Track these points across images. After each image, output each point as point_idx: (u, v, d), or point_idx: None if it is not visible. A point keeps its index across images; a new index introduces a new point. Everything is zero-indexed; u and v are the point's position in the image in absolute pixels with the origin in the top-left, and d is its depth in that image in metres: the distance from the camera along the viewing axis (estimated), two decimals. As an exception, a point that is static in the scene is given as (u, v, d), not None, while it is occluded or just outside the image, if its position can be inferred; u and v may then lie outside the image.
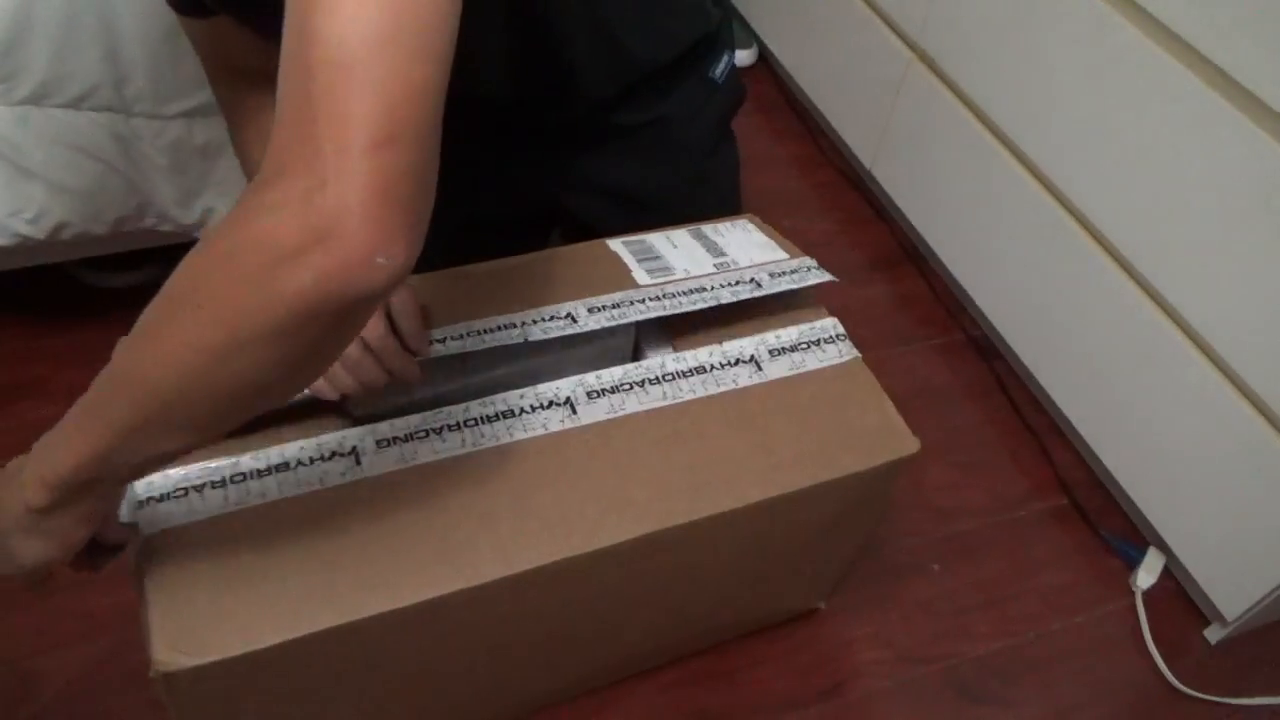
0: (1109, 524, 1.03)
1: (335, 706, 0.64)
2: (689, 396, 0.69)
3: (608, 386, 0.69)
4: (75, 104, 0.86)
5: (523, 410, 0.66)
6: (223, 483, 0.60)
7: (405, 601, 0.57)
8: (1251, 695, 0.90)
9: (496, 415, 0.66)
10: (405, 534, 0.60)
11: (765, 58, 1.56)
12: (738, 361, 0.72)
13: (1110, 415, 1.00)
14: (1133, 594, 0.97)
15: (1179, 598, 0.98)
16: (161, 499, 0.59)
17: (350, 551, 0.59)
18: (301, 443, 0.62)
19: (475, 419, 0.65)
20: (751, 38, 1.55)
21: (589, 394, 0.68)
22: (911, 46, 1.17)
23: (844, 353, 0.74)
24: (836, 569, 0.85)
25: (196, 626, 0.54)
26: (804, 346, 0.74)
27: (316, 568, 0.57)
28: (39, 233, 0.89)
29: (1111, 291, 0.95)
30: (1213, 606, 0.92)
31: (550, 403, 0.67)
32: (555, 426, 0.66)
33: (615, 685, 0.85)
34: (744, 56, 1.54)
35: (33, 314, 1.05)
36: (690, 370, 0.71)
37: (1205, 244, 0.85)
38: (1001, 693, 0.89)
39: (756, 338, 0.73)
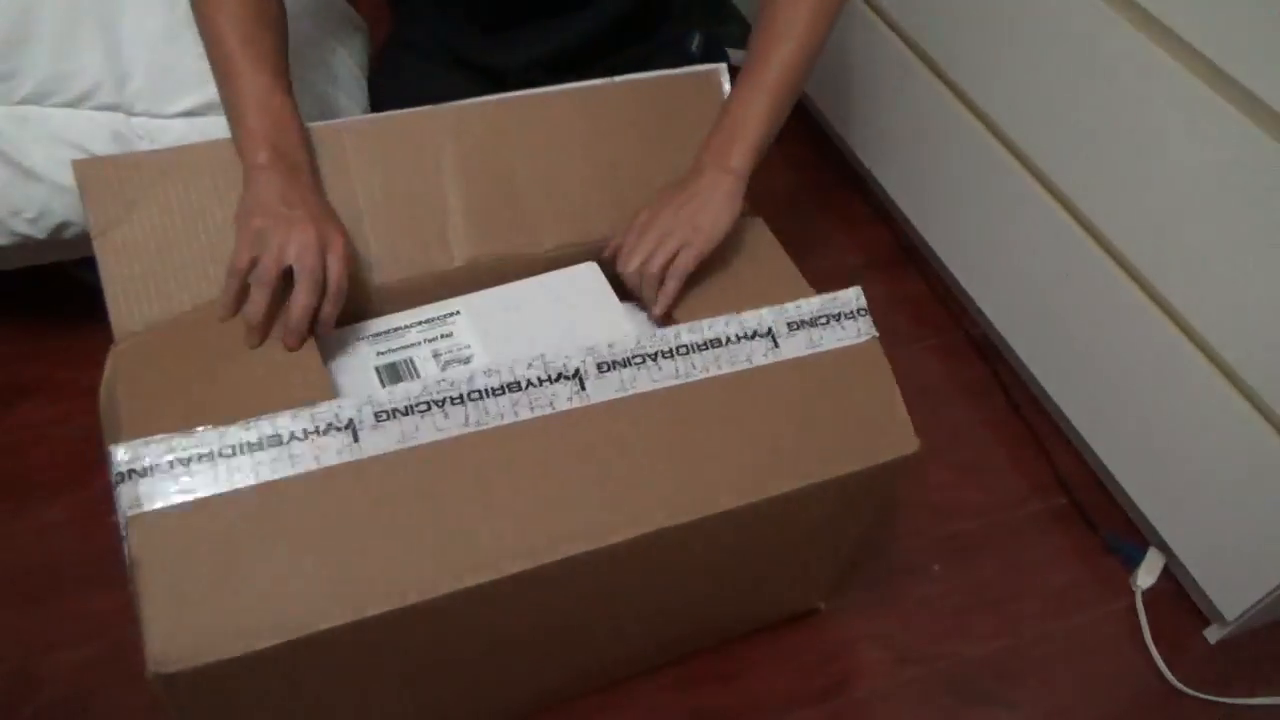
0: (1109, 524, 1.03)
1: (335, 706, 0.64)
2: (701, 375, 0.68)
3: (619, 359, 0.66)
4: (76, 103, 0.86)
5: (529, 383, 0.64)
6: (211, 456, 0.56)
7: (404, 603, 0.57)
8: (1251, 695, 0.90)
9: (501, 387, 0.63)
10: (406, 527, 0.59)
11: (765, 58, 1.55)
12: (755, 335, 0.70)
13: (1110, 415, 1.00)
14: (1132, 594, 0.97)
15: (1179, 598, 0.98)
16: (144, 472, 0.55)
17: (349, 547, 0.58)
18: (294, 412, 0.59)
19: (480, 391, 0.62)
20: (751, 38, 1.55)
21: (599, 366, 0.65)
22: (911, 46, 1.17)
23: (863, 331, 0.73)
24: (837, 569, 0.85)
25: (194, 627, 0.54)
26: (823, 321, 0.72)
27: (315, 564, 0.57)
28: (39, 232, 0.89)
29: (1111, 291, 0.95)
30: (1213, 606, 0.93)
31: (559, 375, 0.64)
32: (563, 405, 0.64)
33: (615, 685, 0.85)
34: (744, 57, 1.54)
35: (33, 314, 1.05)
36: (705, 343, 0.68)
37: (1205, 243, 0.85)
38: (1001, 693, 0.89)
39: (776, 308, 0.71)
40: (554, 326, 0.75)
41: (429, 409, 0.61)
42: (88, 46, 0.85)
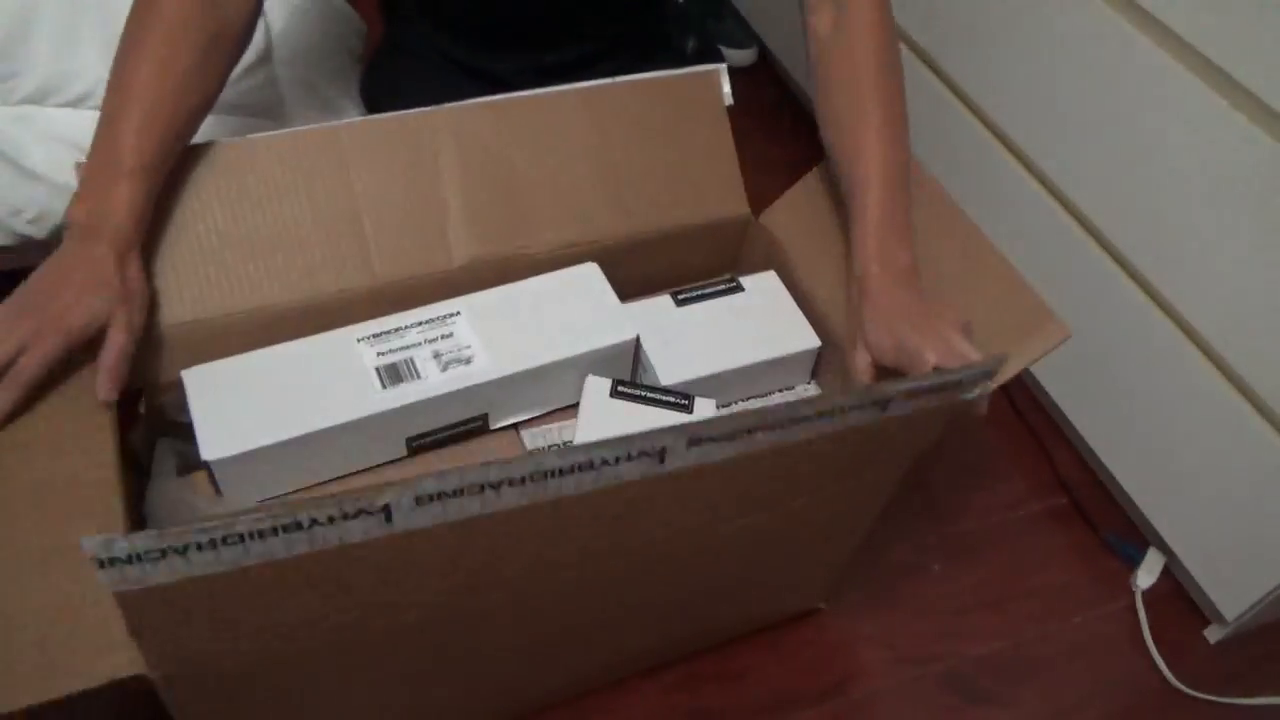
0: (1109, 524, 1.03)
1: (337, 704, 0.64)
2: (797, 438, 0.55)
3: (714, 435, 0.52)
4: (76, 103, 0.86)
5: (604, 462, 0.51)
6: (213, 544, 0.46)
7: (407, 603, 0.57)
8: (1251, 695, 0.90)
9: (571, 468, 0.51)
10: (419, 570, 0.54)
11: (765, 58, 1.56)
12: (873, 403, 0.56)
13: (1110, 415, 1.00)
14: (1132, 594, 0.97)
15: (1179, 598, 0.98)
16: (130, 560, 0.46)
17: (360, 584, 0.53)
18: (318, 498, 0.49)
19: (545, 472, 0.50)
20: (751, 38, 1.55)
21: (689, 441, 0.52)
22: (911, 46, 1.17)
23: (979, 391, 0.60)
24: (837, 569, 0.85)
25: (195, 631, 0.54)
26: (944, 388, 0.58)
27: (319, 595, 0.52)
28: (40, 233, 0.89)
29: (1111, 291, 0.96)
30: (1213, 606, 0.93)
31: (641, 453, 0.52)
32: (634, 477, 0.53)
33: (615, 685, 0.85)
34: (744, 57, 1.54)
35: (33, 314, 1.05)
36: (817, 414, 0.55)
37: (1205, 243, 0.85)
38: (1001, 693, 0.89)
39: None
40: (554, 327, 0.75)
41: (482, 490, 0.49)
42: (88, 46, 0.85)
